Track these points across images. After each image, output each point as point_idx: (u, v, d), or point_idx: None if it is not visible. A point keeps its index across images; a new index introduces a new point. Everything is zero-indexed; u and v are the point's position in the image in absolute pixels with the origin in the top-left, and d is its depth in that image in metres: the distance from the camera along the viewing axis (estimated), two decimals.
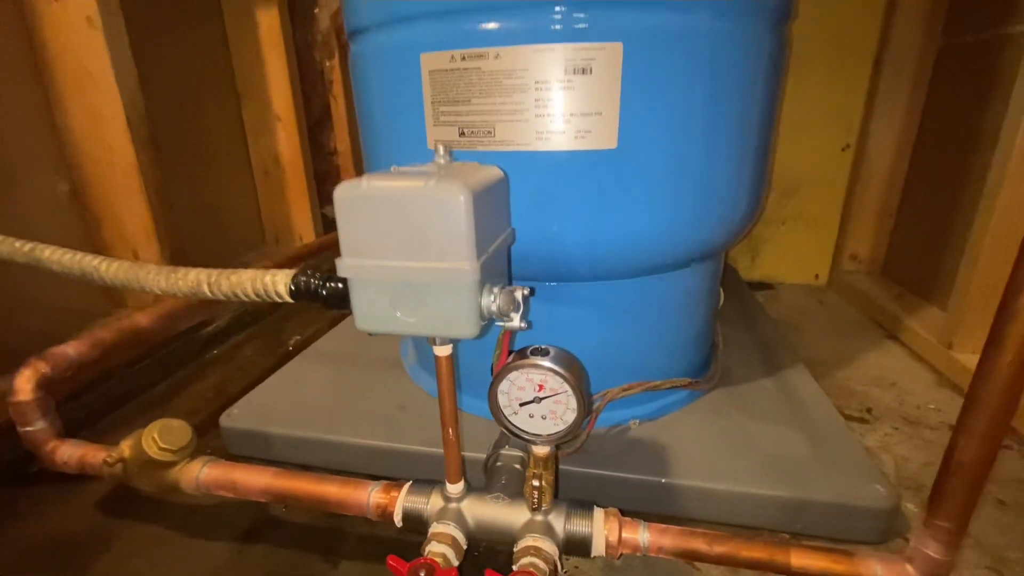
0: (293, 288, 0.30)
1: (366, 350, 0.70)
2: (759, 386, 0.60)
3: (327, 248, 0.97)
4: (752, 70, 0.45)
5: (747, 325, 0.76)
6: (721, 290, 0.72)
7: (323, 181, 1.18)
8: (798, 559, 0.33)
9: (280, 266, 0.76)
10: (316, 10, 1.05)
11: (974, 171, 0.74)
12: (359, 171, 1.17)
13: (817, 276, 1.07)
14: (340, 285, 0.29)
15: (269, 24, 0.97)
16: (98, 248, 0.75)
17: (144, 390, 0.72)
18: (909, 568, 0.32)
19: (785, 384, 0.61)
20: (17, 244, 0.35)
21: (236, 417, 0.56)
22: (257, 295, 0.31)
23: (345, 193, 0.26)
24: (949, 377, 0.70)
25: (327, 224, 1.20)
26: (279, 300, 0.31)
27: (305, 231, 1.12)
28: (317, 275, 0.30)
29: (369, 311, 0.28)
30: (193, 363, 0.79)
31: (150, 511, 0.50)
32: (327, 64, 1.09)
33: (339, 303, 0.29)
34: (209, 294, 0.32)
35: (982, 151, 0.72)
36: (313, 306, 0.34)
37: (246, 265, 1.00)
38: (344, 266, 0.27)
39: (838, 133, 0.97)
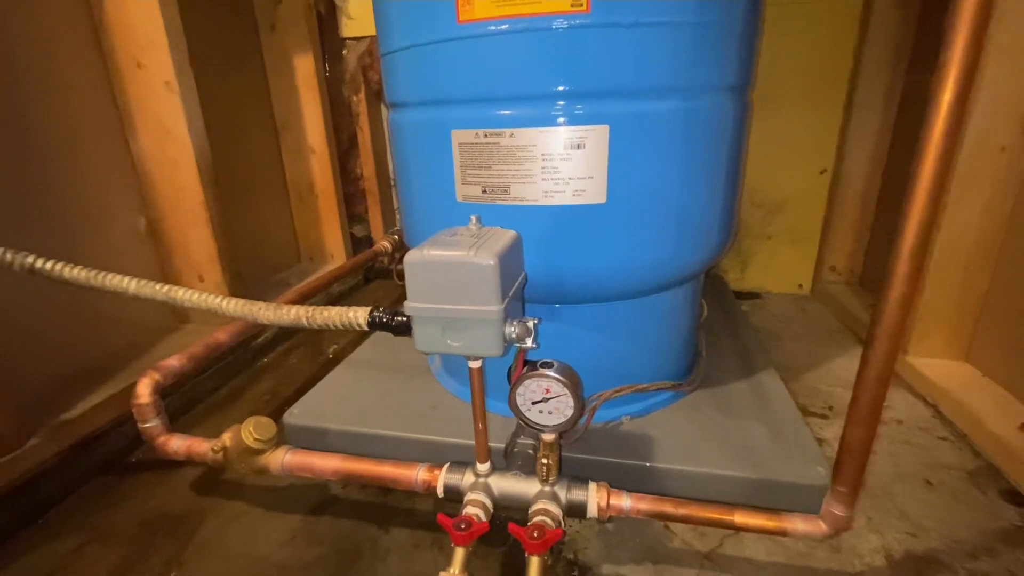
0: (370, 321, 0.41)
1: (398, 358, 0.81)
2: (734, 388, 0.71)
3: (354, 270, 1.09)
4: (718, 133, 0.56)
5: (729, 334, 0.87)
6: (704, 303, 0.83)
7: (350, 202, 1.31)
8: (740, 518, 0.44)
9: (316, 287, 0.89)
10: (345, 52, 1.18)
11: None
12: (383, 193, 1.30)
13: (800, 286, 1.17)
14: (405, 319, 0.40)
15: (305, 68, 1.10)
16: (168, 272, 0.88)
17: (209, 394, 0.84)
18: (821, 523, 0.42)
19: (757, 386, 0.71)
20: (158, 287, 0.46)
21: (296, 415, 0.68)
22: (343, 325, 0.43)
23: (412, 259, 0.38)
24: (904, 378, 0.80)
25: (355, 242, 1.32)
26: (359, 329, 0.42)
27: (336, 249, 1.24)
28: (386, 312, 0.41)
29: (426, 338, 0.39)
30: (248, 371, 0.91)
31: (232, 491, 0.63)
32: (354, 99, 1.21)
33: (404, 332, 0.41)
34: (307, 325, 0.44)
35: None
36: None
37: (285, 281, 1.12)
38: (410, 307, 0.39)
39: (817, 158, 1.07)
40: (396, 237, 1.25)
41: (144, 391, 0.56)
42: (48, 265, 0.46)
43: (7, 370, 0.58)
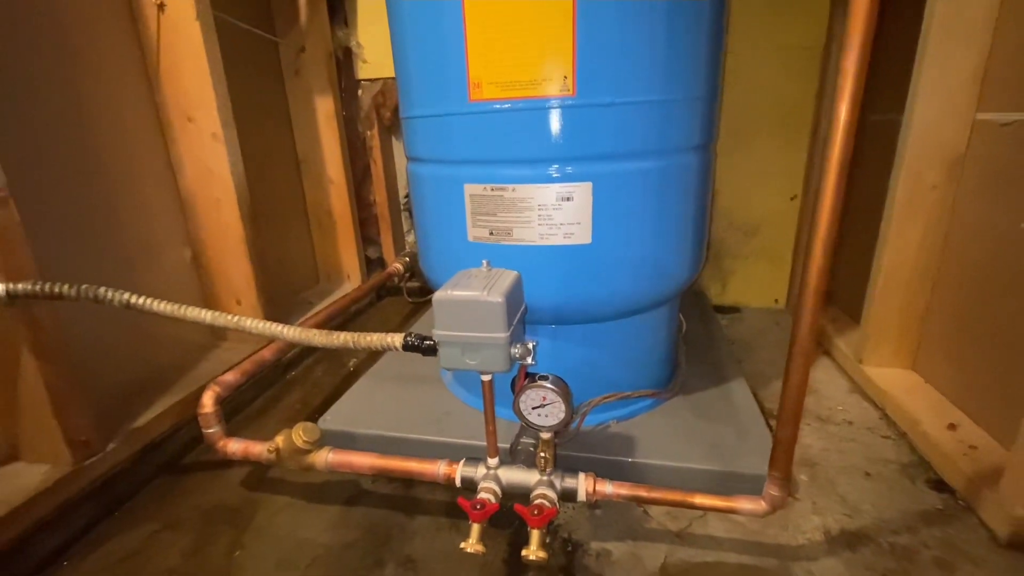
0: (404, 345, 0.52)
1: (413, 371, 0.92)
2: (708, 395, 0.82)
3: (371, 290, 1.20)
4: (685, 184, 0.67)
5: (707, 346, 0.98)
6: (682, 319, 0.94)
7: (364, 226, 1.42)
8: (700, 499, 0.55)
9: (342, 307, 0.99)
10: (360, 92, 1.30)
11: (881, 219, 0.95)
12: (393, 218, 1.41)
13: (776, 301, 1.28)
14: (432, 343, 0.51)
15: (325, 107, 1.22)
16: (209, 297, 0.99)
17: (247, 404, 0.95)
18: (762, 502, 0.53)
19: (727, 393, 0.82)
20: (229, 317, 0.57)
21: (329, 421, 0.79)
22: (382, 348, 0.54)
23: (440, 298, 0.49)
24: (859, 385, 0.91)
25: (369, 263, 1.43)
26: (395, 351, 0.53)
27: (352, 270, 1.36)
28: (417, 337, 0.52)
29: (450, 358, 0.50)
30: (279, 383, 1.02)
31: (277, 487, 0.73)
32: (368, 133, 1.33)
33: (432, 353, 0.51)
34: (353, 347, 0.55)
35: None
36: None
37: (307, 300, 1.22)
38: (437, 334, 0.50)
39: (788, 186, 1.19)
40: (407, 259, 1.36)
41: (208, 402, 0.67)
42: (141, 300, 0.57)
43: (90, 385, 0.69)
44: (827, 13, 1.07)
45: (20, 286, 0.55)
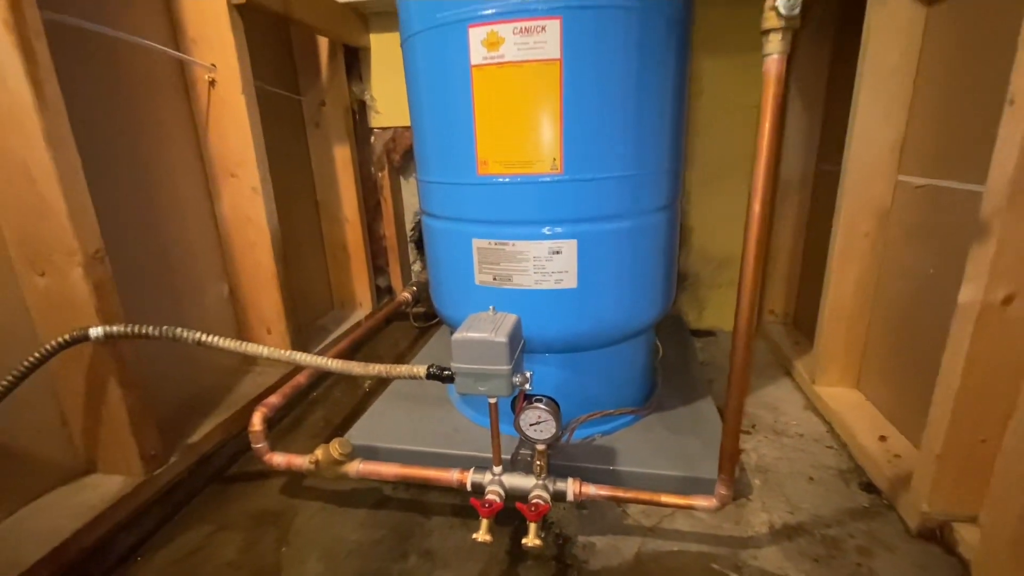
0: (428, 374, 0.65)
1: (423, 392, 1.05)
2: (679, 412, 0.95)
3: (383, 321, 1.33)
4: (654, 238, 0.82)
5: (681, 368, 1.12)
6: (659, 345, 1.08)
7: (374, 257, 1.56)
8: (665, 498, 0.68)
9: (363, 334, 1.12)
10: (372, 139, 1.44)
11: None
12: (401, 249, 1.55)
13: None
14: (450, 372, 0.64)
15: (342, 154, 1.36)
16: (242, 326, 1.12)
17: (277, 423, 1.07)
18: (713, 500, 0.67)
19: (696, 411, 0.96)
20: (282, 352, 0.70)
21: (354, 436, 0.91)
22: (410, 376, 0.67)
23: (458, 339, 0.62)
24: (812, 403, 1.05)
25: (379, 291, 1.57)
26: (420, 379, 0.66)
27: (364, 298, 1.49)
28: (438, 368, 0.66)
29: (464, 385, 0.63)
30: (303, 403, 1.14)
31: (311, 494, 0.86)
32: (379, 175, 1.48)
33: (450, 380, 0.65)
34: (385, 376, 0.68)
35: None
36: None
37: (324, 327, 1.35)
38: (455, 367, 0.63)
39: None
40: (414, 288, 1.50)
41: (257, 421, 0.79)
42: (209, 338, 0.70)
43: (154, 405, 0.81)
44: None
45: (115, 328, 0.68)
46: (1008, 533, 0.58)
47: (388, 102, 1.41)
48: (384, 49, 1.37)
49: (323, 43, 1.28)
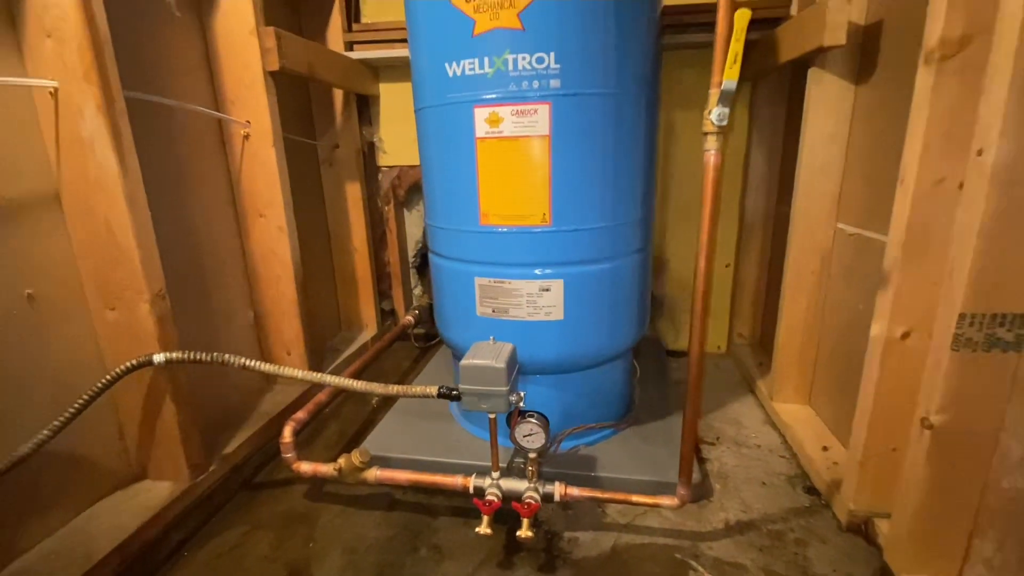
0: (439, 393, 0.79)
1: (427, 408, 1.17)
2: (653, 426, 1.09)
3: (390, 342, 1.46)
4: (630, 278, 0.96)
5: (656, 387, 1.26)
6: (637, 365, 1.22)
7: (379, 282, 1.69)
8: (636, 498, 0.81)
9: (373, 356, 1.25)
10: (380, 176, 1.59)
11: None
12: (404, 275, 1.68)
13: (719, 347, 1.57)
14: (457, 392, 0.78)
15: (353, 191, 1.50)
16: (264, 349, 1.24)
17: (295, 435, 1.19)
18: (675, 499, 0.80)
19: (668, 425, 1.09)
20: (315, 375, 0.83)
21: (369, 447, 1.04)
22: (423, 395, 0.80)
23: (465, 364, 0.76)
24: (771, 418, 1.19)
25: (383, 314, 1.70)
26: (431, 397, 0.79)
27: (369, 321, 1.62)
28: (447, 388, 0.79)
29: (469, 403, 0.77)
30: (317, 417, 1.27)
31: (332, 498, 0.98)
32: (386, 208, 1.62)
33: (457, 399, 0.78)
34: (402, 395, 0.81)
35: None
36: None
37: (334, 347, 1.48)
38: (462, 388, 0.76)
39: (724, 256, 1.50)
40: (416, 311, 1.63)
41: (287, 433, 0.92)
42: (252, 363, 0.83)
43: (197, 419, 0.93)
44: (746, 127, 1.40)
45: (174, 355, 0.81)
46: (908, 525, 0.72)
47: (395, 143, 1.56)
48: (392, 96, 1.52)
49: (338, 94, 1.43)
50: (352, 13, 1.42)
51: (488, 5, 0.78)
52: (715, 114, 0.61)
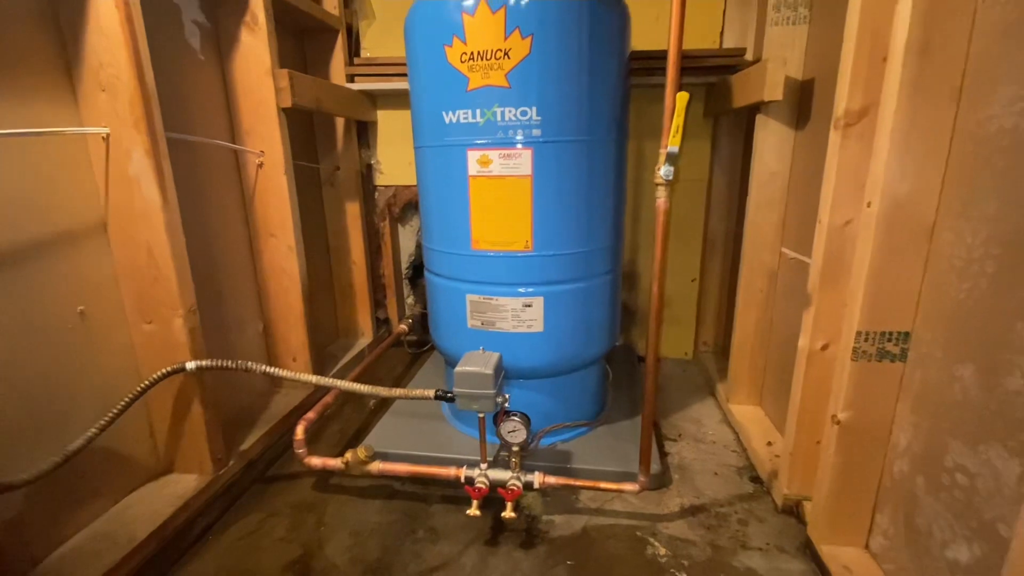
0: (436, 395, 0.92)
1: (420, 409, 1.30)
2: (623, 424, 1.24)
3: (387, 349, 1.59)
4: (601, 293, 1.11)
5: (628, 390, 1.40)
6: (609, 370, 1.36)
7: (375, 291, 1.81)
8: (603, 484, 0.95)
9: (372, 361, 1.37)
10: (376, 195, 1.72)
11: None
12: (397, 286, 1.81)
13: (686, 353, 1.73)
14: (452, 395, 0.91)
15: (352, 210, 1.63)
16: (272, 355, 1.36)
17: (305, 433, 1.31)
18: (636, 485, 0.94)
19: (635, 424, 1.24)
20: (332, 380, 0.95)
21: (371, 444, 1.16)
22: (422, 398, 0.93)
23: (459, 370, 0.89)
24: (727, 417, 1.35)
25: (378, 322, 1.82)
26: (430, 399, 0.92)
27: (365, 328, 1.74)
28: (443, 391, 0.92)
29: (463, 403, 0.90)
30: (319, 418, 1.38)
31: (338, 489, 1.10)
32: (381, 224, 1.74)
33: (452, 400, 0.91)
34: (404, 397, 0.93)
35: None
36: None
37: (332, 354, 1.60)
38: (456, 391, 0.90)
39: (690, 272, 1.66)
40: (410, 320, 1.76)
41: (300, 431, 1.04)
42: (271, 370, 0.95)
43: (220, 418, 1.05)
44: (709, 157, 1.56)
45: (204, 362, 0.93)
46: (823, 504, 0.87)
47: (390, 165, 1.69)
48: (389, 122, 1.65)
49: (339, 121, 1.56)
50: (353, 48, 1.55)
51: (480, 66, 0.92)
52: (663, 171, 0.76)
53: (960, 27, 0.67)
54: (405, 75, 1.18)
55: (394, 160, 1.68)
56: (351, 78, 1.52)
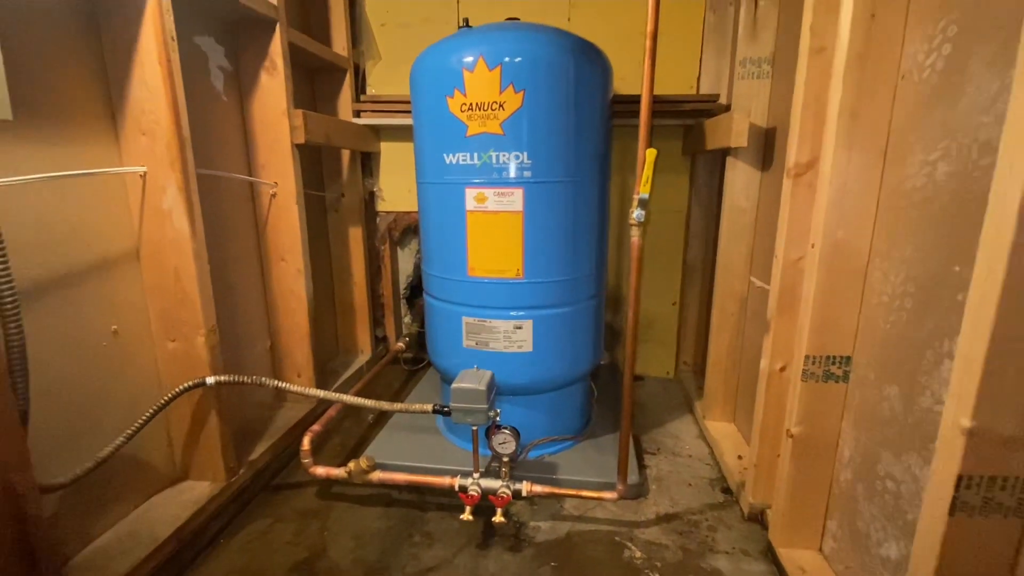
0: (434, 409, 1.01)
1: (416, 424, 1.39)
2: (606, 439, 1.33)
3: (385, 366, 1.68)
4: (586, 317, 1.21)
5: (613, 406, 1.50)
6: (594, 387, 1.46)
7: (374, 310, 1.91)
8: (585, 492, 1.04)
9: (373, 377, 1.46)
10: (378, 220, 1.82)
11: None
12: (395, 305, 1.91)
13: (668, 372, 1.84)
14: (448, 409, 1.00)
15: (355, 234, 1.73)
16: (278, 371, 1.45)
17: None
18: (615, 493, 1.04)
19: (617, 438, 1.33)
20: (339, 394, 1.04)
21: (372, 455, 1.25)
22: (421, 411, 1.02)
23: (455, 387, 0.99)
24: (703, 433, 1.45)
25: (376, 340, 1.91)
26: (428, 413, 1.02)
27: (365, 346, 1.83)
28: (440, 405, 1.01)
29: (458, 418, 0.99)
30: (324, 431, 1.46)
31: (340, 497, 1.18)
32: (381, 247, 1.85)
33: (449, 414, 1.01)
34: (405, 411, 1.03)
35: None
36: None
37: (333, 370, 1.69)
38: (452, 406, 0.99)
39: (670, 295, 1.77)
40: (407, 339, 1.85)
41: (306, 442, 1.13)
42: (284, 384, 1.04)
43: (230, 429, 1.13)
44: (687, 191, 1.69)
45: (223, 377, 1.02)
46: (781, 510, 0.97)
47: (392, 192, 1.80)
48: (391, 153, 1.77)
49: (345, 152, 1.67)
50: (360, 85, 1.67)
51: (478, 115, 1.04)
52: (636, 214, 0.87)
53: (884, 97, 0.80)
54: (408, 112, 1.29)
55: (395, 188, 1.80)
56: (357, 113, 1.64)
